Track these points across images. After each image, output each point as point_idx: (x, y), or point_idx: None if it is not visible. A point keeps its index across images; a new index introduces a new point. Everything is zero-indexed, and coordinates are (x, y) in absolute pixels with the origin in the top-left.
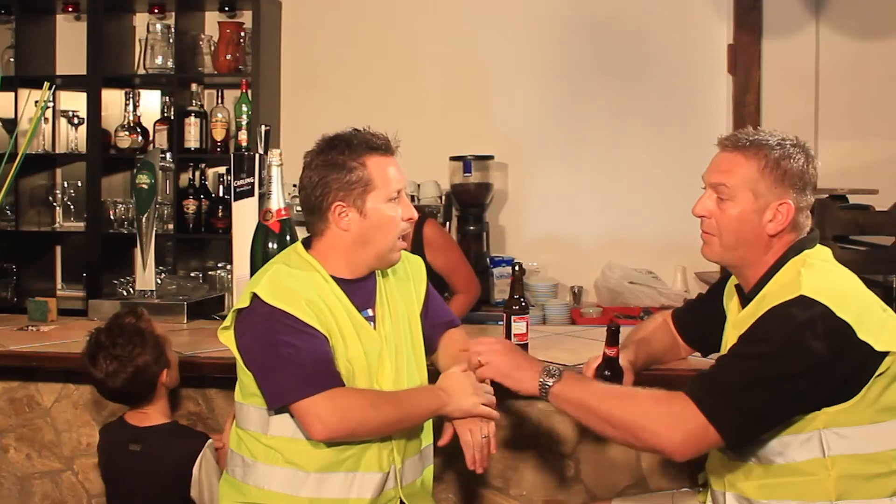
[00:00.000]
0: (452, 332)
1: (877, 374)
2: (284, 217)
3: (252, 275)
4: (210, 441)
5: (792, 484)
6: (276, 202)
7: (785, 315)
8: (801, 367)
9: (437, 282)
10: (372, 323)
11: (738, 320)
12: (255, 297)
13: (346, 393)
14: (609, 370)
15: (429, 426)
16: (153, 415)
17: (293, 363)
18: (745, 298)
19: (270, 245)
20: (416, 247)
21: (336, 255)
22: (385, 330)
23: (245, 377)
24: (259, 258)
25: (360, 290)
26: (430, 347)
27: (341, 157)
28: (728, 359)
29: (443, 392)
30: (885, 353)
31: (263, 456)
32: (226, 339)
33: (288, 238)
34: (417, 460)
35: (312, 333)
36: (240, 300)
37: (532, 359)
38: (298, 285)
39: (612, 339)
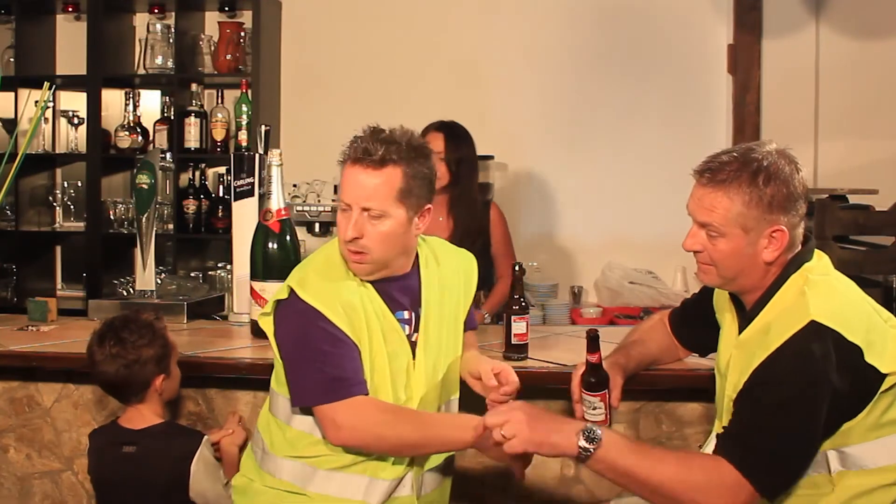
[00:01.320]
0: (467, 336)
1: (879, 392)
2: (284, 217)
3: (252, 275)
4: (206, 438)
5: (794, 497)
6: (276, 202)
7: (799, 349)
8: (825, 404)
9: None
10: (406, 326)
11: (741, 342)
12: (292, 290)
13: (366, 405)
14: (593, 377)
15: None
16: (147, 415)
17: (319, 368)
18: (746, 317)
19: (270, 245)
20: (485, 227)
21: None
22: (428, 332)
23: (279, 365)
24: (259, 258)
25: (394, 290)
26: None
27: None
28: (757, 413)
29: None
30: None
31: (281, 447)
32: (265, 325)
33: (288, 238)
34: (440, 471)
35: (343, 339)
36: (280, 290)
37: (560, 418)
38: (336, 286)
39: (592, 345)
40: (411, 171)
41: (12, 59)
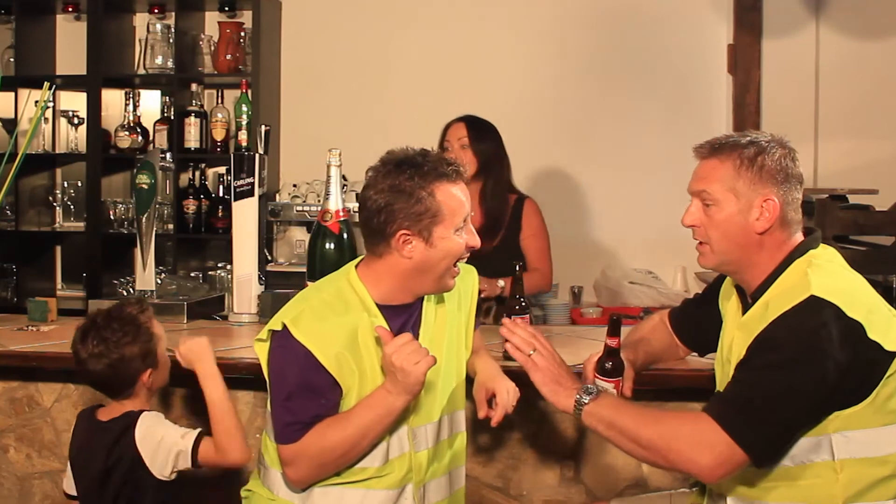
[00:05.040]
0: (473, 336)
1: (886, 375)
2: (344, 218)
3: (308, 275)
4: (146, 411)
5: (799, 487)
6: (335, 203)
7: (797, 320)
8: (819, 374)
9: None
10: None
11: (743, 323)
12: (285, 326)
13: (308, 441)
14: (610, 362)
15: (461, 448)
16: (125, 411)
17: (286, 409)
18: (749, 301)
19: (328, 245)
20: (514, 221)
21: (390, 280)
22: (428, 346)
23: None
24: (317, 259)
25: (401, 316)
26: None
27: (409, 184)
28: (745, 373)
29: (384, 391)
30: (894, 355)
31: (277, 463)
32: (259, 351)
33: (345, 238)
34: (445, 482)
35: (316, 386)
36: (275, 320)
37: (572, 375)
38: (333, 326)
39: (614, 329)
40: None
41: (12, 59)
